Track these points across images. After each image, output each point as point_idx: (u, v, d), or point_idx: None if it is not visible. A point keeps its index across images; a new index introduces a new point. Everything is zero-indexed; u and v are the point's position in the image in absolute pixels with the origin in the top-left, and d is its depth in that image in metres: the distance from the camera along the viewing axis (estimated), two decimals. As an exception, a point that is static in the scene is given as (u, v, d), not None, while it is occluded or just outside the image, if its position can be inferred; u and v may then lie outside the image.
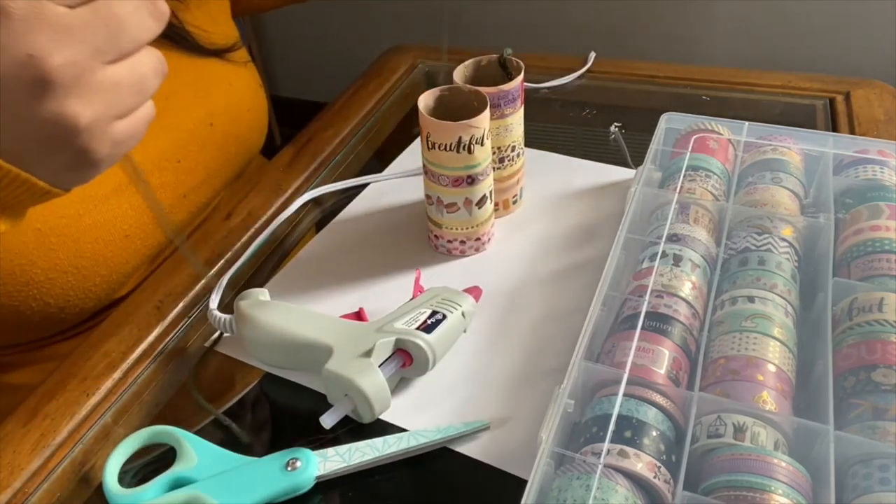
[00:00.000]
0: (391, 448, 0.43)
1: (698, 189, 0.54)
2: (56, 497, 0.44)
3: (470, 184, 0.54)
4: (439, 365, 0.48)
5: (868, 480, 0.35)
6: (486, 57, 0.58)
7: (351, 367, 0.44)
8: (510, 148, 0.58)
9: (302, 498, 0.42)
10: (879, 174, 0.52)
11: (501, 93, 0.55)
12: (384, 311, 0.49)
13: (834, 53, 1.00)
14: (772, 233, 0.49)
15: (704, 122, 0.59)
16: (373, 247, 0.60)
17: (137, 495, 0.40)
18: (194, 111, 0.65)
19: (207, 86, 0.67)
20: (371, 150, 0.74)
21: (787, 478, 0.35)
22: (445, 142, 0.52)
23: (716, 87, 0.77)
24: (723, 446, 0.37)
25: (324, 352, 0.46)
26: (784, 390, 0.40)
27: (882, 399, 0.38)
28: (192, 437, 0.43)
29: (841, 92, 0.73)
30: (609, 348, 0.44)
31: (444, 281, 0.53)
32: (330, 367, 0.44)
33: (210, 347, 0.53)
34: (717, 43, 1.05)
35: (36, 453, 0.45)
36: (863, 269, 0.46)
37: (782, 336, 0.42)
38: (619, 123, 0.72)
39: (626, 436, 0.37)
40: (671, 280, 0.46)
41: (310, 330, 0.47)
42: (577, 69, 0.81)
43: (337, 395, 0.45)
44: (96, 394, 0.49)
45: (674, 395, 0.40)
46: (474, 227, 0.57)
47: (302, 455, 0.42)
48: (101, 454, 0.46)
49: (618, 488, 0.35)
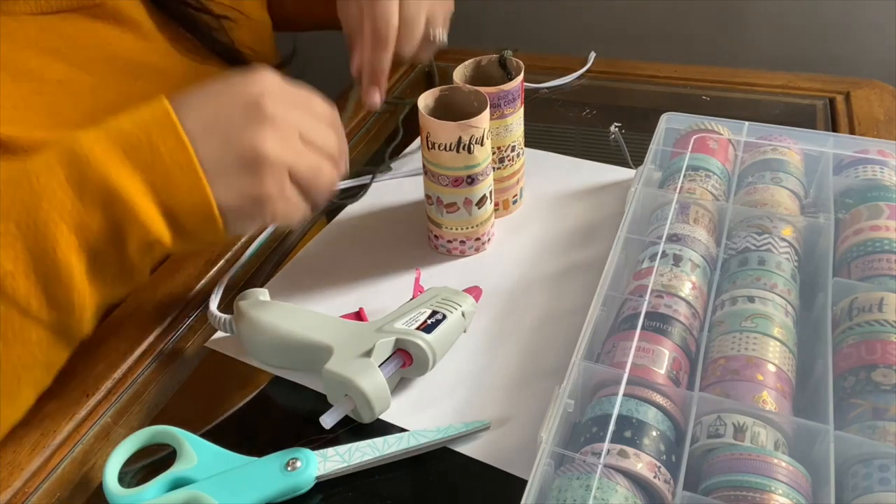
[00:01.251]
0: (391, 448, 0.43)
1: (698, 189, 0.54)
2: (56, 497, 0.44)
3: (470, 184, 0.54)
4: (439, 365, 0.48)
5: (868, 480, 0.35)
6: (486, 57, 0.58)
7: (351, 367, 0.44)
8: (510, 148, 0.58)
9: (302, 498, 0.42)
10: (879, 174, 0.52)
11: (501, 93, 0.55)
12: (384, 311, 0.49)
13: (834, 53, 1.00)
14: (772, 233, 0.49)
15: (704, 122, 0.59)
16: (373, 247, 0.60)
17: (137, 495, 0.40)
18: None
19: None
20: (371, 151, 0.74)
21: (787, 478, 0.35)
22: (445, 142, 0.52)
23: (716, 87, 0.77)
24: (723, 446, 0.37)
25: (324, 352, 0.46)
26: (784, 390, 0.40)
27: (882, 399, 0.38)
28: (192, 437, 0.43)
29: (841, 92, 0.73)
30: (609, 348, 0.44)
31: (444, 281, 0.53)
32: (330, 367, 0.44)
33: (210, 347, 0.53)
34: (717, 43, 1.05)
35: (36, 453, 0.45)
36: (863, 269, 0.46)
37: (782, 336, 0.42)
38: (619, 123, 0.72)
39: (626, 436, 0.37)
40: (671, 280, 0.46)
41: (310, 330, 0.47)
42: (577, 69, 0.81)
43: (337, 395, 0.45)
44: (96, 394, 0.49)
45: (674, 395, 0.40)
46: (474, 228, 0.57)
47: (302, 455, 0.42)
48: (101, 454, 0.46)
49: (618, 488, 0.35)
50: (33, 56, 0.52)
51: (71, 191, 0.39)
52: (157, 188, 0.40)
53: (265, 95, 0.42)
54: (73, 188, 0.39)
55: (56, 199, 0.39)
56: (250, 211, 0.43)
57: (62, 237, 0.39)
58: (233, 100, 0.42)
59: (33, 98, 0.52)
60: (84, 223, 0.39)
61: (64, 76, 0.54)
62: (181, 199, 0.41)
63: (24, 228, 0.39)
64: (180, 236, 0.42)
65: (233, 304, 0.51)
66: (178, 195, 0.41)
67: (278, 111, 0.42)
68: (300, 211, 0.45)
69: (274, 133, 0.42)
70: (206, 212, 0.41)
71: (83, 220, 0.39)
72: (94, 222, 0.40)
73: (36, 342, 0.41)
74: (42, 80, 0.52)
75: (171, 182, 0.40)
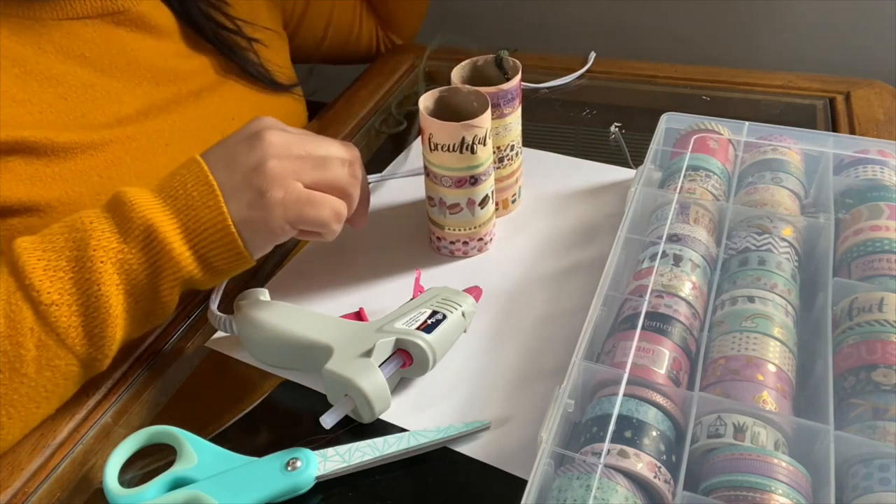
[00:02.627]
0: (391, 448, 0.43)
1: (698, 189, 0.54)
2: (56, 497, 0.44)
3: (473, 184, 0.54)
4: (440, 365, 0.48)
5: (868, 480, 0.35)
6: (483, 57, 0.58)
7: (351, 367, 0.44)
8: (509, 147, 0.58)
9: (302, 498, 0.42)
10: (879, 174, 0.52)
11: (501, 92, 0.55)
12: (385, 311, 0.49)
13: (834, 53, 1.00)
14: (772, 233, 0.49)
15: (704, 122, 0.59)
16: (373, 247, 0.60)
17: (137, 495, 0.40)
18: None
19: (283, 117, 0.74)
20: (371, 151, 0.74)
21: (788, 478, 0.35)
22: (448, 142, 0.52)
23: (716, 87, 0.77)
24: (723, 446, 0.37)
25: (323, 352, 0.46)
26: (784, 390, 0.40)
27: (882, 399, 0.38)
28: (192, 437, 0.43)
29: (841, 92, 0.73)
30: (609, 348, 0.44)
31: (446, 281, 0.53)
32: (330, 367, 0.44)
33: (210, 347, 0.53)
34: (717, 43, 1.05)
35: (36, 453, 0.45)
36: (863, 269, 0.46)
37: (782, 336, 0.42)
38: (619, 123, 0.72)
39: (626, 436, 0.37)
40: (671, 280, 0.46)
41: (309, 330, 0.47)
42: (577, 69, 0.81)
43: (337, 394, 0.45)
44: (96, 394, 0.49)
45: (674, 395, 0.40)
46: (476, 228, 0.57)
47: (302, 455, 0.42)
48: (101, 454, 0.46)
49: (618, 488, 0.35)
50: (58, 61, 0.54)
51: (117, 232, 0.44)
52: (189, 229, 0.45)
53: (265, 129, 0.48)
54: (118, 230, 0.44)
55: (104, 239, 0.43)
56: (262, 217, 0.46)
57: (106, 273, 0.43)
58: (238, 137, 0.48)
59: (59, 102, 0.53)
60: (126, 261, 0.44)
61: (88, 81, 0.55)
62: (203, 221, 0.45)
63: (73, 263, 0.43)
64: (209, 271, 0.46)
65: (233, 304, 0.51)
66: (201, 220, 0.45)
67: (276, 137, 0.47)
68: (328, 210, 0.48)
69: (273, 150, 0.46)
70: (223, 228, 0.45)
71: (125, 257, 0.44)
72: (134, 260, 0.44)
73: (64, 371, 0.44)
74: (68, 85, 0.54)
75: (198, 216, 0.45)
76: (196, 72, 0.64)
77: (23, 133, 0.50)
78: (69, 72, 0.54)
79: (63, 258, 0.43)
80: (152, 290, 0.45)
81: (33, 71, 0.52)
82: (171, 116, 0.60)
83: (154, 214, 0.44)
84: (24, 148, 0.50)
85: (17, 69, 0.51)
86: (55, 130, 0.52)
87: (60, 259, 0.43)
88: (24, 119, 0.51)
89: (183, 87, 0.62)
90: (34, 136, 0.51)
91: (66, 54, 0.54)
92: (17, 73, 0.51)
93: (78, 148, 0.53)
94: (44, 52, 0.53)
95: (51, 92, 0.53)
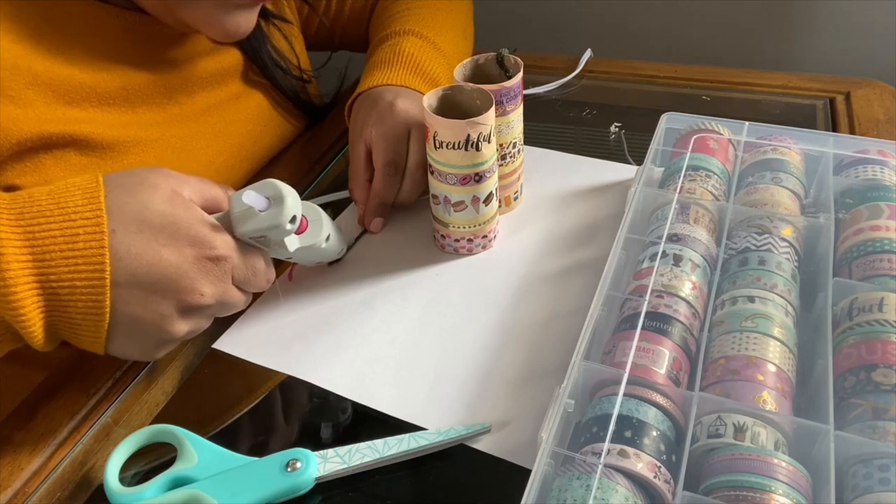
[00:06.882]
0: (391, 450, 0.43)
1: (698, 189, 0.54)
2: (56, 497, 0.44)
3: (477, 181, 0.54)
4: (440, 364, 0.48)
5: (868, 480, 0.35)
6: (484, 55, 0.59)
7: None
8: (511, 144, 0.59)
9: (302, 499, 0.42)
10: (879, 174, 0.52)
11: (504, 90, 0.55)
12: (388, 309, 0.48)
13: (834, 53, 1.00)
14: (772, 233, 0.49)
15: (704, 122, 0.59)
16: (377, 245, 0.60)
17: (138, 494, 0.40)
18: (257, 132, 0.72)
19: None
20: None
21: (788, 478, 0.35)
22: (454, 140, 0.52)
23: (716, 87, 0.77)
24: (723, 446, 0.37)
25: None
26: (784, 390, 0.40)
27: (882, 399, 0.38)
28: (192, 437, 0.43)
29: (841, 92, 0.73)
30: (609, 348, 0.44)
31: (452, 280, 0.52)
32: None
33: (210, 347, 0.53)
34: (717, 43, 1.05)
35: (36, 453, 0.45)
36: (863, 269, 0.46)
37: (782, 336, 0.42)
38: (619, 123, 0.72)
39: (626, 436, 0.37)
40: (671, 280, 0.46)
41: None
42: (577, 69, 0.81)
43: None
44: (96, 394, 0.49)
45: (674, 395, 0.40)
46: (481, 225, 0.57)
47: (302, 456, 0.42)
48: (101, 454, 0.46)
49: (618, 488, 0.35)
50: (120, 63, 0.56)
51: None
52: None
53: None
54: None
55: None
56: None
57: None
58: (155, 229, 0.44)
59: (119, 102, 0.55)
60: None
61: (150, 80, 0.58)
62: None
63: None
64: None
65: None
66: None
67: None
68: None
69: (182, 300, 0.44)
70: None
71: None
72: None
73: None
74: (128, 88, 0.56)
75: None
76: (235, 78, 0.66)
77: (82, 127, 0.52)
78: (129, 74, 0.56)
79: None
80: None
81: (93, 67, 0.54)
82: (212, 119, 0.64)
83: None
84: (81, 141, 0.52)
85: (106, 73, 0.54)
86: (117, 128, 0.55)
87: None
88: (88, 115, 0.53)
89: (223, 92, 0.65)
90: (94, 132, 0.53)
91: (129, 59, 0.56)
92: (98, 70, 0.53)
93: (131, 142, 0.55)
94: (127, 55, 0.56)
95: (113, 91, 0.55)
